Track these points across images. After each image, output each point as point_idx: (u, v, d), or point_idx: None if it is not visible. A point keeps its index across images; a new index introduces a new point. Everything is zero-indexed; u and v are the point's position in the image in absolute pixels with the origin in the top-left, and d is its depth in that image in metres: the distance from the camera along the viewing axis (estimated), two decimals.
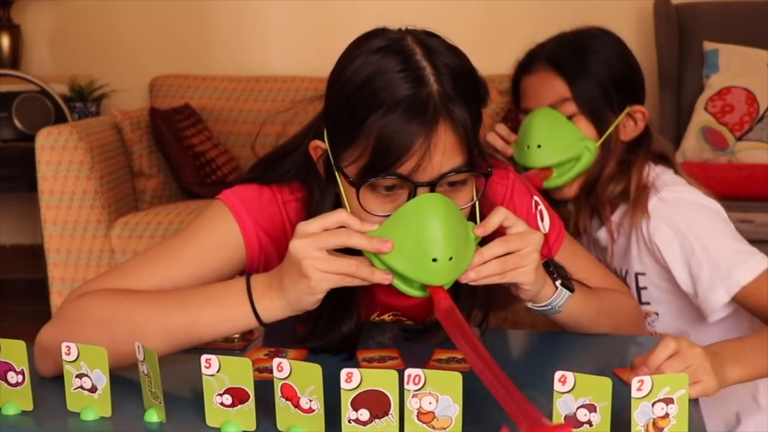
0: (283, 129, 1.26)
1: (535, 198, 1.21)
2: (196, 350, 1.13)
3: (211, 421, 0.91)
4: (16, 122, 3.28)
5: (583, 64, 1.39)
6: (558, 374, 0.85)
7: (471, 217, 1.04)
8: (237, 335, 1.17)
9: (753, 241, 2.20)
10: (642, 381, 0.83)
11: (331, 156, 1.04)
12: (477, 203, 1.04)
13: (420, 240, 0.95)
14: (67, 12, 3.63)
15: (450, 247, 0.95)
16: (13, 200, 3.65)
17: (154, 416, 0.93)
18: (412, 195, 0.98)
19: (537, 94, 1.39)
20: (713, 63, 3.07)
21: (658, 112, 3.28)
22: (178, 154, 3.00)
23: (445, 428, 0.86)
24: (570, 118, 1.36)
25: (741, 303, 1.29)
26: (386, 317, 1.22)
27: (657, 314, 1.39)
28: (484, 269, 0.99)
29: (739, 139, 2.93)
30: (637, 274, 1.37)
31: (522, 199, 1.19)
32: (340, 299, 1.06)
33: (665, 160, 1.44)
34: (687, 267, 1.30)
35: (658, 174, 1.39)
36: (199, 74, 3.44)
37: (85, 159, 2.65)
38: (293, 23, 3.52)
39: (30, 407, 0.97)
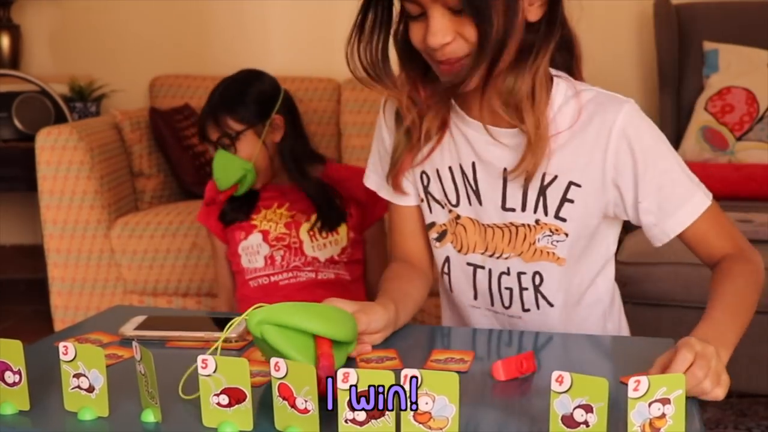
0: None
1: None
2: (194, 350, 1.13)
3: (207, 421, 0.91)
4: (16, 122, 3.28)
5: None
6: (555, 374, 0.85)
7: None
8: (234, 335, 1.17)
9: (753, 241, 2.21)
10: (638, 381, 0.83)
11: None
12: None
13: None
14: (67, 12, 3.63)
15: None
16: (13, 200, 3.66)
17: (150, 416, 0.93)
18: None
19: None
20: (713, 63, 3.07)
21: (658, 112, 3.28)
22: (178, 154, 3.00)
23: (441, 429, 0.86)
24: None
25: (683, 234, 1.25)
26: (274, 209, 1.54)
27: (567, 235, 1.28)
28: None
29: (739, 139, 2.93)
30: (570, 183, 1.25)
31: None
32: None
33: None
34: (659, 176, 1.22)
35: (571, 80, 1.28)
36: (199, 74, 3.44)
37: (85, 159, 2.65)
38: (293, 23, 3.52)
39: (27, 407, 0.97)
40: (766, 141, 2.91)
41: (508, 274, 1.32)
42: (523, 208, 1.27)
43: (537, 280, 1.31)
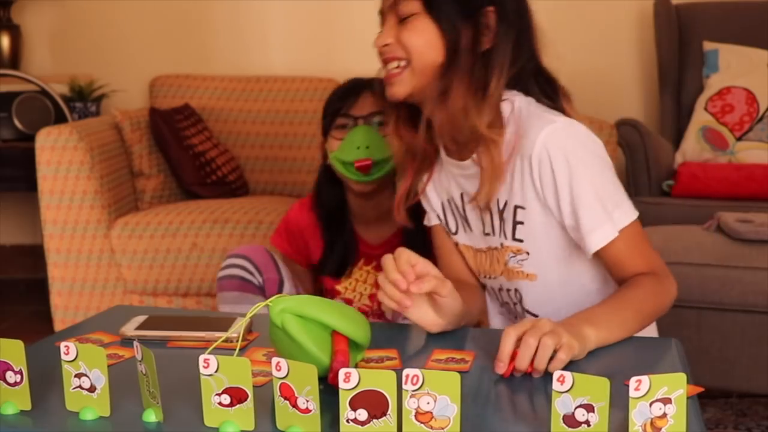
0: (285, 129, 1.37)
1: None
2: (195, 350, 1.13)
3: (209, 420, 0.91)
4: (16, 122, 3.28)
5: None
6: (556, 374, 0.85)
7: None
8: (236, 334, 1.17)
9: (753, 241, 2.22)
10: (639, 381, 0.84)
11: None
12: None
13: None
14: (67, 12, 3.63)
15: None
16: (13, 200, 3.66)
17: (152, 416, 0.93)
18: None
19: None
20: (713, 63, 3.07)
21: (658, 112, 3.28)
22: (178, 154, 3.00)
23: (443, 428, 0.86)
24: (410, 17, 1.27)
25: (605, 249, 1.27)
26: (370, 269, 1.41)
27: (528, 254, 1.32)
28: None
29: (739, 139, 2.93)
30: (516, 207, 1.30)
31: None
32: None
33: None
34: (572, 199, 1.24)
35: (522, 100, 1.30)
36: (199, 74, 3.44)
37: (85, 159, 2.65)
38: (293, 23, 3.52)
39: (28, 407, 0.97)
40: (766, 141, 2.91)
41: (502, 290, 1.41)
42: (494, 233, 1.35)
43: (518, 296, 1.38)
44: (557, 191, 1.25)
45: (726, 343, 2.15)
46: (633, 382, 0.84)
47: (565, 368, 0.88)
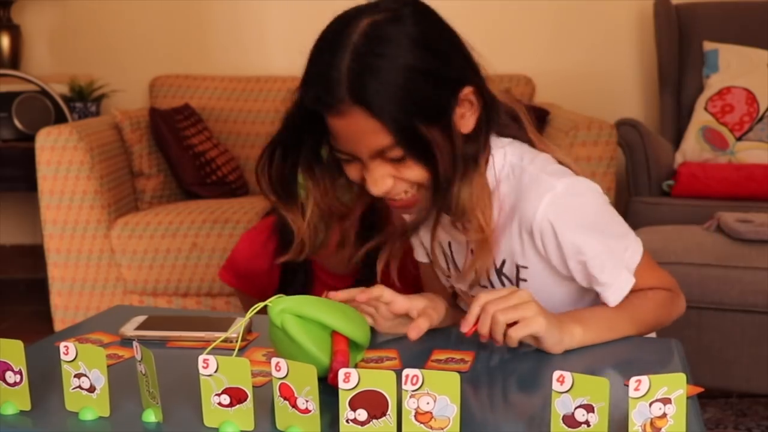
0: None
1: None
2: (195, 350, 1.13)
3: (208, 421, 0.91)
4: (16, 122, 3.28)
5: (379, 88, 1.08)
6: (556, 374, 0.85)
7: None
8: (236, 335, 1.17)
9: (753, 241, 2.22)
10: (639, 381, 0.84)
11: None
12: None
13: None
14: (67, 12, 3.63)
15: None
16: (13, 200, 3.66)
17: (151, 416, 0.93)
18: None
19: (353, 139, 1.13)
20: (713, 63, 3.07)
21: (658, 112, 3.29)
22: (178, 154, 3.00)
23: (442, 428, 0.86)
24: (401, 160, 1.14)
25: None
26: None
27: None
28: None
29: (739, 139, 2.93)
30: (519, 266, 1.25)
31: None
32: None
33: (513, 120, 1.27)
34: (585, 262, 1.21)
35: (514, 153, 1.23)
36: (199, 74, 3.44)
37: (85, 159, 2.65)
38: (293, 23, 3.52)
39: (28, 407, 0.97)
40: (766, 141, 2.91)
41: None
42: (491, 286, 1.29)
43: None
44: (565, 259, 1.21)
45: (726, 343, 2.15)
46: (633, 382, 0.84)
47: (564, 368, 0.88)
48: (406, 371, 0.85)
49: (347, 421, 0.86)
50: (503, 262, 1.26)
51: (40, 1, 3.61)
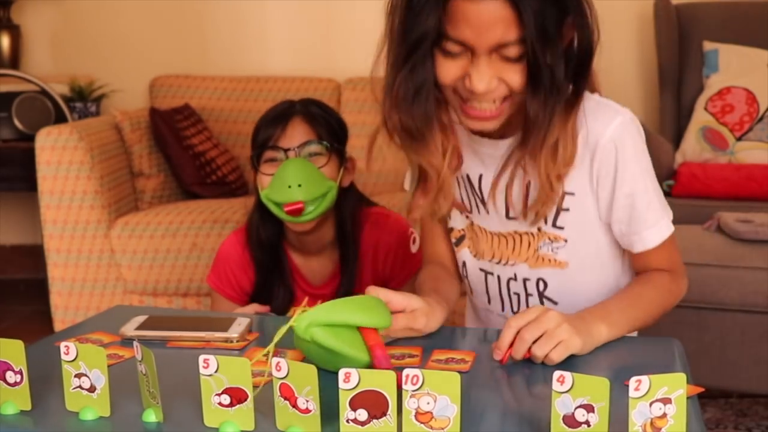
0: None
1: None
2: (195, 350, 1.13)
3: (208, 421, 0.91)
4: (16, 122, 3.28)
5: None
6: (556, 374, 0.85)
7: None
8: (236, 335, 1.17)
9: (753, 241, 2.22)
10: (639, 381, 0.84)
11: None
12: None
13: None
14: (67, 12, 3.63)
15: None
16: (13, 200, 3.66)
17: (152, 416, 0.93)
18: None
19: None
20: (713, 63, 3.07)
21: (658, 112, 3.28)
22: (178, 154, 3.00)
23: (443, 428, 0.86)
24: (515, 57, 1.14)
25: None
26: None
27: (566, 241, 1.28)
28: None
29: (739, 139, 2.93)
30: (565, 193, 1.24)
31: None
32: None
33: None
34: (632, 193, 1.22)
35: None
36: (199, 74, 3.44)
37: (85, 159, 2.65)
38: (293, 23, 3.53)
39: (28, 407, 0.97)
40: (766, 141, 2.91)
41: (515, 279, 1.34)
42: (525, 218, 1.27)
43: (541, 286, 1.32)
44: (616, 184, 1.22)
45: (726, 343, 2.15)
46: (633, 382, 0.84)
47: (565, 368, 0.88)
48: (406, 371, 0.85)
49: (347, 421, 0.86)
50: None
51: (40, 1, 3.61)
